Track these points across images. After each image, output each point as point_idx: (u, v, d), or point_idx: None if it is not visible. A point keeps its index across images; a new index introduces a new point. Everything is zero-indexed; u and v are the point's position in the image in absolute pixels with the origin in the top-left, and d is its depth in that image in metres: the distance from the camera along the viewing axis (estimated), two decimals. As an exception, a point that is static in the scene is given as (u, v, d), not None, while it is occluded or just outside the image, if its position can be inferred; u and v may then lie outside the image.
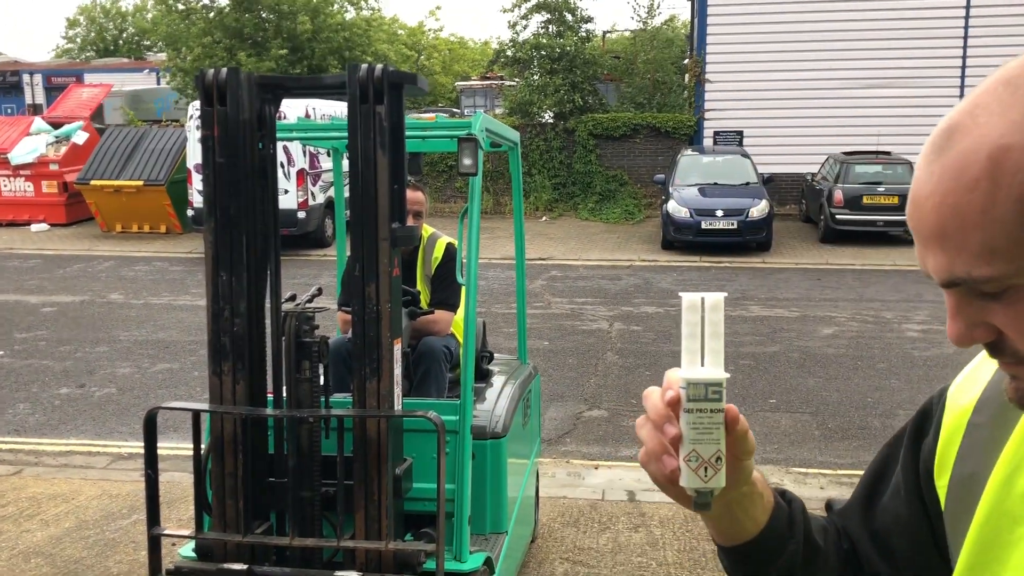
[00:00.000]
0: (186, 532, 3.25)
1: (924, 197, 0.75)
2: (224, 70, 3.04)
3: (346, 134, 3.07)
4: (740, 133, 18.33)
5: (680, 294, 0.89)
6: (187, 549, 3.29)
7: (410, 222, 3.92)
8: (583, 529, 4.92)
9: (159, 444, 3.18)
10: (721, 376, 0.85)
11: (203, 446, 3.19)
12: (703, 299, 0.86)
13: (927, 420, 1.01)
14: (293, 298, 3.32)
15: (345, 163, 3.50)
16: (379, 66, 2.92)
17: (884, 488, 1.06)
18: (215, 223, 3.07)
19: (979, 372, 0.95)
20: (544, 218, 18.33)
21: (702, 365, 0.85)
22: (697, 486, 0.85)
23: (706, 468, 0.85)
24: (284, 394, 3.14)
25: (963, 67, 17.51)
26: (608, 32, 29.77)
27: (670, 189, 14.96)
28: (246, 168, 3.06)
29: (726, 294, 0.89)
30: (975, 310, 0.76)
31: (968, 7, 17.56)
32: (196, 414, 3.17)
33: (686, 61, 21.03)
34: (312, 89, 3.32)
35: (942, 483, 0.95)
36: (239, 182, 3.05)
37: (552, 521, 5.01)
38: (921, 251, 0.78)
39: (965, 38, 17.66)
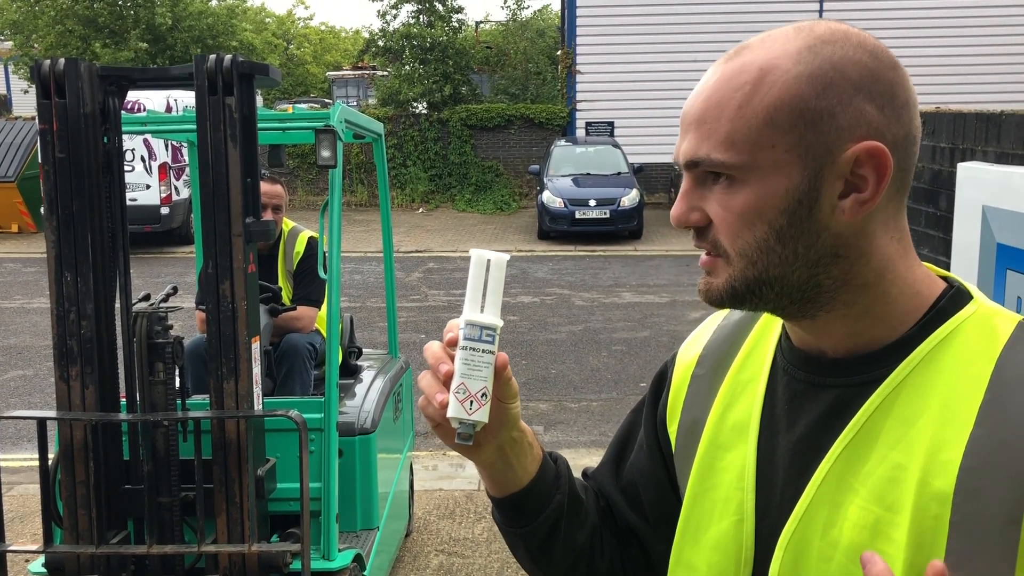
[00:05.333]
0: (34, 547, 3.08)
1: (701, 90, 0.89)
2: (62, 60, 2.89)
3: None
4: (611, 124, 18.69)
5: (471, 250, 0.98)
6: (37, 565, 3.13)
7: (268, 216, 3.85)
8: (459, 520, 4.94)
9: (13, 455, 3.01)
10: (497, 323, 0.93)
11: (52, 455, 3.04)
12: (489, 260, 0.95)
13: (663, 381, 1.13)
14: (147, 298, 3.19)
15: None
16: (228, 56, 2.83)
17: (631, 448, 1.17)
18: (57, 221, 2.92)
19: (701, 333, 1.10)
20: (421, 210, 18.25)
21: (481, 312, 0.94)
22: (461, 416, 0.92)
23: (471, 402, 0.91)
24: (138, 398, 3.03)
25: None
26: (481, 23, 29.86)
27: (544, 180, 15.15)
28: (89, 163, 2.92)
29: (509, 256, 0.97)
30: (698, 196, 0.90)
31: (822, 5, 18.46)
32: (42, 422, 3.02)
33: (559, 52, 21.28)
34: (159, 81, 3.18)
35: (672, 429, 1.08)
36: (82, 178, 2.91)
37: (428, 514, 5.01)
38: (680, 140, 0.90)
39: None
